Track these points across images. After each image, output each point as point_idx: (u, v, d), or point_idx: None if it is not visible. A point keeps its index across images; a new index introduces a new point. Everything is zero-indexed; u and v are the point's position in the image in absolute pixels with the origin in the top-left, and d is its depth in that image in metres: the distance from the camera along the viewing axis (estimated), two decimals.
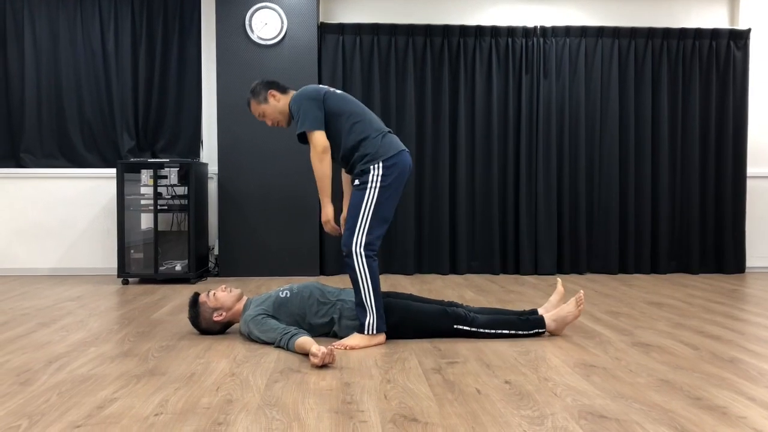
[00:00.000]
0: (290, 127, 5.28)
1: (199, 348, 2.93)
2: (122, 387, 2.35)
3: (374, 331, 2.98)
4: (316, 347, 2.63)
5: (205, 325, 3.16)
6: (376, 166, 2.99)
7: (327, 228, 3.14)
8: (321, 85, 3.18)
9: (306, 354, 2.74)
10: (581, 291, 3.14)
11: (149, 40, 5.60)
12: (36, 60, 5.56)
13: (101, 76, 5.60)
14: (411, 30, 5.53)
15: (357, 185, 3.03)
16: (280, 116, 3.19)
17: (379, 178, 3.00)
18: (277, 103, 3.17)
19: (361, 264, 2.95)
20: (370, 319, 2.97)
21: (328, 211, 3.08)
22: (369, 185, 2.99)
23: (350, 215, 3.02)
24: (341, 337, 3.07)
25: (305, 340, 2.76)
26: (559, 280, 3.32)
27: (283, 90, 3.19)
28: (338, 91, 3.14)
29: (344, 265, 3.33)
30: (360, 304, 2.98)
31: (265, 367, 2.60)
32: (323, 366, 2.61)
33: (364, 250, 2.96)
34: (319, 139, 2.99)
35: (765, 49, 5.81)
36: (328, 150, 3.01)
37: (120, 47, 5.59)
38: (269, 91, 3.16)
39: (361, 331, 2.99)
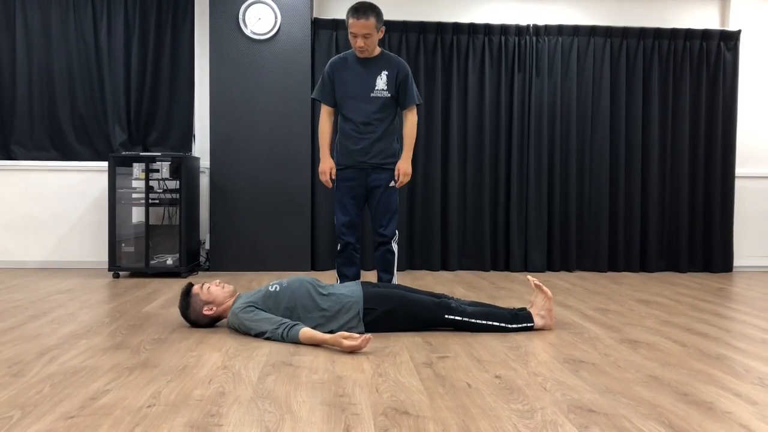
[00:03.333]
0: (289, 103, 5.30)
1: (190, 341, 2.94)
2: (114, 379, 2.35)
3: None
4: (346, 332, 2.79)
5: (194, 316, 3.17)
6: (395, 170, 3.71)
7: (405, 180, 3.72)
8: None
9: (313, 344, 2.83)
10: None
11: (142, 32, 5.58)
12: (27, 50, 5.52)
13: (93, 68, 5.56)
14: (404, 27, 5.54)
15: (392, 184, 3.70)
16: (372, 47, 3.63)
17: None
18: (378, 39, 3.62)
19: (397, 249, 3.77)
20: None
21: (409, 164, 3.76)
22: (396, 187, 3.74)
23: (390, 209, 3.69)
24: (335, 331, 3.08)
25: (312, 331, 2.88)
26: (528, 277, 3.34)
27: None
28: None
29: (383, 251, 3.78)
30: (389, 282, 3.70)
31: (257, 360, 2.62)
32: (352, 352, 2.73)
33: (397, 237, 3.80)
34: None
35: (755, 51, 5.86)
36: None
37: (113, 39, 5.56)
38: (383, 28, 3.64)
39: None
